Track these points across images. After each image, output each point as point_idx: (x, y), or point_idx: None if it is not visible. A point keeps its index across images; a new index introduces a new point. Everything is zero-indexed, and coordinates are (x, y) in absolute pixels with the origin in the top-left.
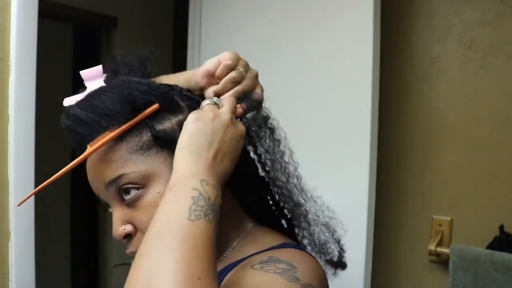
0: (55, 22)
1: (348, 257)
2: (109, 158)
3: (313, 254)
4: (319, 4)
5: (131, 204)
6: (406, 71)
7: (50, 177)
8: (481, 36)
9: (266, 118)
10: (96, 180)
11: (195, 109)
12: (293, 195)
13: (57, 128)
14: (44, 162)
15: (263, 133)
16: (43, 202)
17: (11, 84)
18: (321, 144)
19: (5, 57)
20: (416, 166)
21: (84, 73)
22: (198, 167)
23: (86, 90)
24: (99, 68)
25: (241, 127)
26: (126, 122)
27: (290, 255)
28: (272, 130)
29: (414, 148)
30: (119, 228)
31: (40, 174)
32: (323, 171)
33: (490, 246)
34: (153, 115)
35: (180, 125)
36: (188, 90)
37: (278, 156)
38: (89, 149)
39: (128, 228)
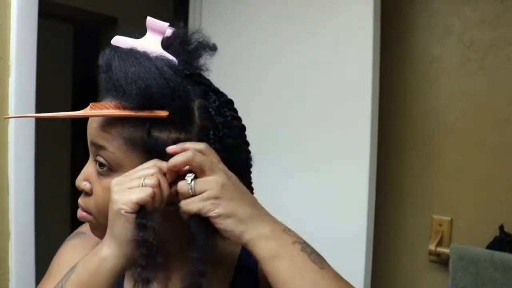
0: (55, 22)
1: (348, 257)
2: (103, 125)
3: None
4: (319, 4)
5: (98, 172)
6: (406, 71)
7: (50, 177)
8: (481, 36)
9: None
10: (88, 132)
11: (204, 137)
12: None
13: (57, 128)
14: (44, 162)
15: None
16: (43, 202)
17: (11, 84)
18: (321, 144)
19: (5, 57)
20: (416, 166)
21: (150, 21)
22: None
23: (143, 38)
24: (164, 25)
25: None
26: (132, 110)
27: None
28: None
29: (414, 148)
30: (81, 181)
31: (40, 174)
32: (323, 171)
33: (490, 246)
34: (158, 119)
35: (175, 142)
36: (222, 106)
37: None
38: (88, 110)
39: (87, 186)
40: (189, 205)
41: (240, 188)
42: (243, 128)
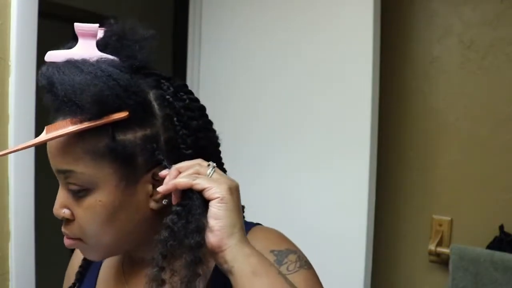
0: (55, 22)
1: (348, 257)
2: (64, 148)
3: None
4: (319, 4)
5: (74, 196)
6: (406, 71)
7: (49, 177)
8: (481, 36)
9: None
10: (51, 161)
11: (169, 125)
12: None
13: None
14: (43, 162)
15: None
16: (43, 202)
17: (11, 84)
18: (321, 144)
19: (5, 57)
20: (416, 166)
21: (78, 26)
22: None
23: (76, 47)
24: (95, 27)
25: None
26: (90, 120)
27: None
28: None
29: (414, 148)
30: (60, 210)
31: (39, 174)
32: (323, 171)
33: (490, 246)
34: (119, 122)
35: (144, 140)
36: (178, 91)
37: None
38: (45, 135)
39: (67, 213)
40: (199, 179)
41: (239, 203)
42: (203, 108)
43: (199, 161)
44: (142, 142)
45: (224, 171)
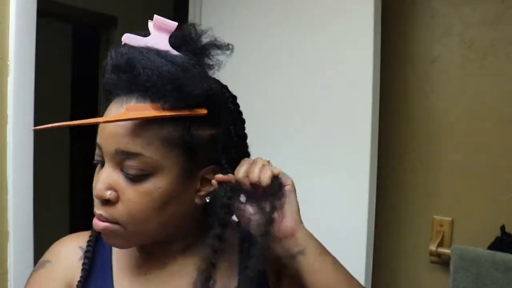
0: (55, 21)
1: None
2: (137, 131)
3: None
4: (319, 4)
5: (129, 179)
6: (406, 71)
7: (49, 177)
8: (481, 36)
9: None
10: (110, 140)
11: (228, 131)
12: None
13: (57, 128)
14: (43, 162)
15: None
16: (43, 202)
17: (10, 83)
18: (322, 144)
19: (4, 56)
20: (417, 166)
21: (158, 19)
22: None
23: (149, 37)
24: (174, 25)
25: None
26: (171, 110)
27: None
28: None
29: (414, 148)
30: (105, 191)
31: (39, 174)
32: (324, 171)
33: (491, 247)
34: (196, 117)
35: (210, 139)
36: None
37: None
38: (126, 113)
39: (113, 195)
40: (277, 169)
41: None
42: (243, 119)
43: (259, 158)
44: (208, 140)
45: None
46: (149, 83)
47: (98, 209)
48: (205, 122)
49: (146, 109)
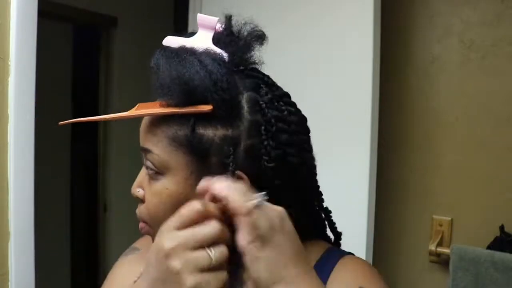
0: (55, 21)
1: None
2: (149, 128)
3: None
4: (319, 3)
5: (149, 177)
6: (406, 71)
7: (49, 178)
8: (481, 36)
9: None
10: (140, 134)
11: (255, 133)
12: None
13: (57, 128)
14: (43, 162)
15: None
16: (43, 202)
17: (11, 83)
18: (321, 143)
19: (5, 56)
20: (416, 166)
21: (200, 17)
22: None
23: (194, 36)
24: (213, 20)
25: None
26: (176, 107)
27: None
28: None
29: (414, 148)
30: (135, 188)
31: (39, 175)
32: (323, 171)
33: (491, 246)
34: (203, 115)
35: (223, 139)
36: (276, 100)
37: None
38: (134, 111)
39: (141, 193)
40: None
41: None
42: (301, 123)
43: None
44: (221, 141)
45: (320, 195)
46: (163, 82)
47: (137, 209)
48: (215, 121)
49: (153, 106)
